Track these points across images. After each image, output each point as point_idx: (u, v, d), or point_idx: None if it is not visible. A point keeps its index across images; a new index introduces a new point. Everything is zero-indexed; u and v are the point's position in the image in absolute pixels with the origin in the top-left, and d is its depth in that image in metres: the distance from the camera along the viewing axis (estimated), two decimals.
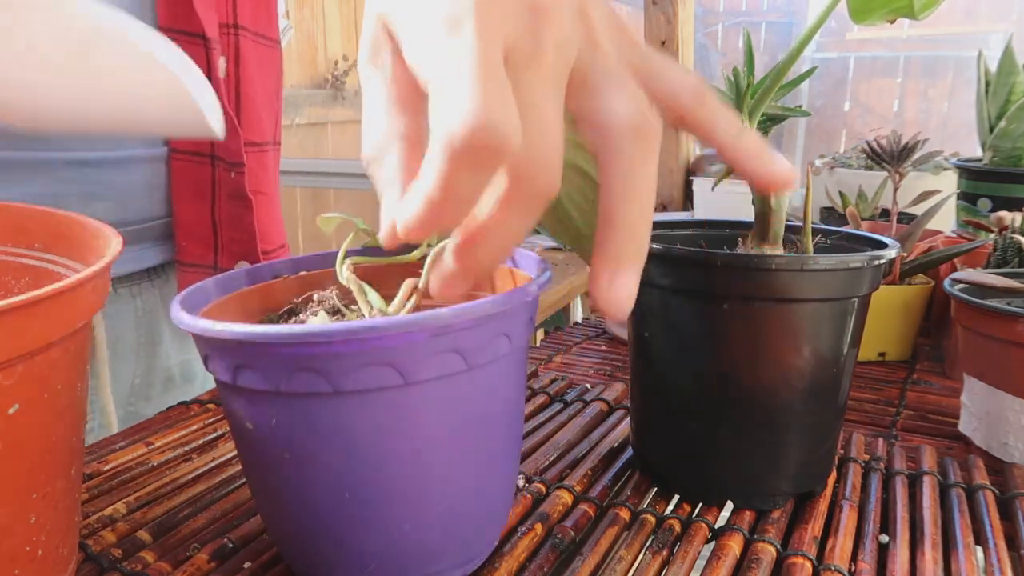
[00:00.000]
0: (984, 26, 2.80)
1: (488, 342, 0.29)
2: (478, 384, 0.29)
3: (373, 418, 0.28)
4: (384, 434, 0.28)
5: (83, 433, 0.30)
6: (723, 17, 3.36)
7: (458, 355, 0.28)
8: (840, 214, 0.96)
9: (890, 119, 2.95)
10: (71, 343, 0.26)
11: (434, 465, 0.29)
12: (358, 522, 0.29)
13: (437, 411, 0.29)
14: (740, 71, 0.45)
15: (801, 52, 0.39)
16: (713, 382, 0.40)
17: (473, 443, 0.30)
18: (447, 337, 0.27)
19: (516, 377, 0.32)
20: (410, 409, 0.28)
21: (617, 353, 0.73)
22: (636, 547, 0.38)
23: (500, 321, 0.29)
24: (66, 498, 0.28)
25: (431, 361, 0.27)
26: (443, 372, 0.28)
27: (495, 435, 0.32)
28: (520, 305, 0.30)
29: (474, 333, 0.28)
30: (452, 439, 0.29)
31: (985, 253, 0.67)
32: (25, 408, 0.23)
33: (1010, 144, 0.99)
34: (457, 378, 0.28)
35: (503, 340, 0.29)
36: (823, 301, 0.38)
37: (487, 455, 0.32)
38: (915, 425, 0.55)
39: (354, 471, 0.28)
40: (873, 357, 0.69)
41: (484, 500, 0.33)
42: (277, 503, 0.31)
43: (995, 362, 0.48)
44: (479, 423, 0.30)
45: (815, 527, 0.39)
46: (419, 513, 0.30)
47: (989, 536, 0.39)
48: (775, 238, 0.41)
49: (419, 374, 0.27)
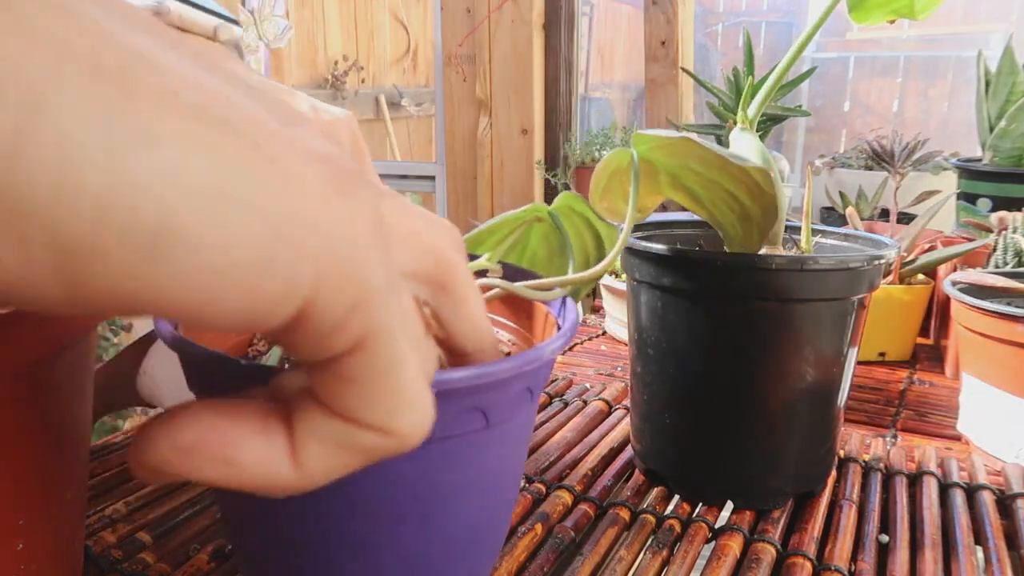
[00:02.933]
0: (984, 26, 2.80)
1: (511, 400, 0.27)
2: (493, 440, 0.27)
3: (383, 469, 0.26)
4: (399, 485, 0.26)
5: (86, 452, 0.28)
6: (723, 17, 3.37)
7: (480, 413, 0.26)
8: (840, 214, 0.96)
9: (890, 119, 2.95)
10: (71, 355, 0.25)
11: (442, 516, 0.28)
12: (358, 568, 0.28)
13: (452, 464, 0.27)
14: (740, 71, 0.45)
15: (801, 52, 0.39)
16: (713, 382, 0.40)
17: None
18: (469, 398, 0.25)
19: (529, 425, 0.31)
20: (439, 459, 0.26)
21: (617, 353, 0.73)
22: (636, 547, 0.38)
23: (523, 379, 0.26)
24: (63, 523, 0.26)
25: (456, 420, 0.25)
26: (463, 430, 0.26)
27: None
28: (546, 363, 0.27)
29: (496, 394, 0.26)
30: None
31: (985, 253, 0.67)
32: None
33: (1010, 144, 0.99)
34: (476, 435, 0.26)
35: (525, 395, 0.27)
36: (823, 301, 0.38)
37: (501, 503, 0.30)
38: (915, 425, 0.55)
39: (355, 520, 0.27)
40: (873, 357, 0.69)
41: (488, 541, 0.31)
42: (263, 547, 0.29)
43: (995, 362, 0.48)
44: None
45: (815, 527, 0.39)
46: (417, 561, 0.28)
47: (989, 536, 0.39)
48: (775, 238, 0.41)
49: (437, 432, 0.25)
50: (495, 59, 1.78)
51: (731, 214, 0.39)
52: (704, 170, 0.37)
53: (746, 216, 0.38)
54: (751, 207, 0.37)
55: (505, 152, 1.83)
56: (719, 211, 0.39)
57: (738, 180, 0.36)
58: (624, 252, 0.42)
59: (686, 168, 0.38)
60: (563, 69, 1.78)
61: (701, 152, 0.35)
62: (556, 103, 1.80)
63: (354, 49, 3.08)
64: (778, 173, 0.41)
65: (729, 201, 0.38)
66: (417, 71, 3.46)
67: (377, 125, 3.12)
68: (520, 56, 1.76)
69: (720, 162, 0.35)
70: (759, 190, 0.36)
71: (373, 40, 3.20)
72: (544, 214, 0.38)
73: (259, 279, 0.13)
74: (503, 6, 1.73)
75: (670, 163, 0.38)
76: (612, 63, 3.68)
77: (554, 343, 0.26)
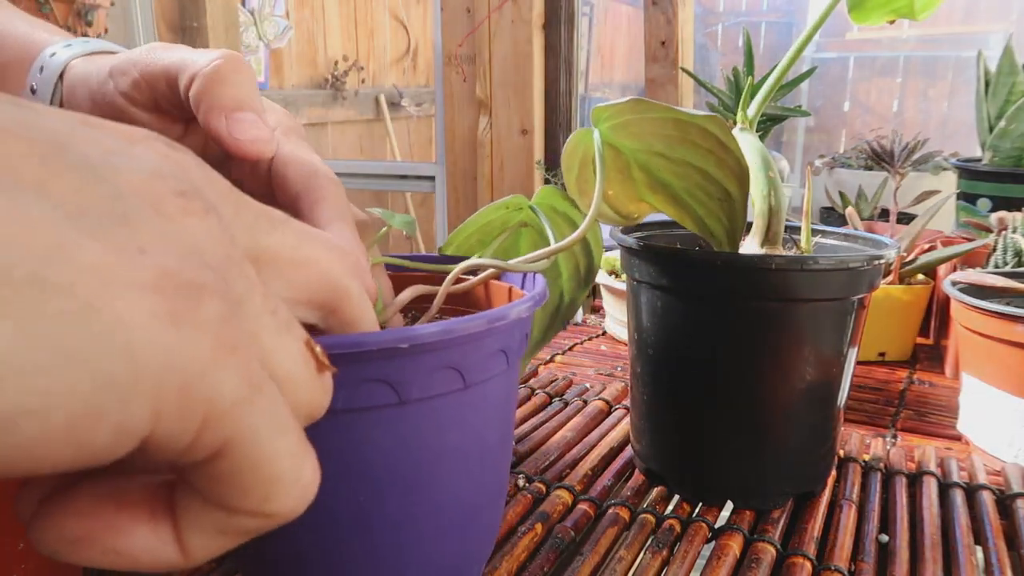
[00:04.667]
0: (984, 26, 2.80)
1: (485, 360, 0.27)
2: (475, 400, 0.28)
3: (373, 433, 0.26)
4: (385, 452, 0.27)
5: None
6: (723, 17, 3.36)
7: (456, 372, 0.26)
8: (840, 214, 0.96)
9: (890, 119, 2.95)
10: None
11: (437, 481, 0.28)
12: (352, 544, 0.28)
13: (433, 428, 0.27)
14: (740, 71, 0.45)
15: (801, 52, 0.39)
16: (713, 382, 0.40)
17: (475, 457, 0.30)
18: (442, 353, 0.26)
19: (510, 396, 0.32)
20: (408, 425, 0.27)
21: (617, 353, 0.73)
22: (636, 547, 0.38)
23: (495, 337, 0.28)
24: None
25: (432, 378, 0.26)
26: (443, 390, 0.26)
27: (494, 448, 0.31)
28: (515, 322, 0.28)
29: (469, 350, 0.27)
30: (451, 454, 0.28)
31: (985, 253, 0.67)
32: None
33: (1010, 144, 0.99)
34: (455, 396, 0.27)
35: (500, 357, 0.28)
36: (823, 301, 0.38)
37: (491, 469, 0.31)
38: (915, 425, 0.56)
39: (352, 492, 0.27)
40: (873, 357, 0.69)
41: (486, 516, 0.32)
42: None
43: (995, 362, 0.48)
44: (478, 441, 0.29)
45: (815, 527, 0.39)
46: (423, 536, 0.29)
47: (989, 536, 0.39)
48: (775, 238, 0.41)
49: (415, 393, 0.26)
50: (495, 59, 1.78)
51: (711, 203, 0.39)
52: (668, 149, 0.37)
53: (726, 196, 0.38)
54: (725, 179, 0.37)
55: (505, 152, 1.83)
56: (698, 202, 0.39)
57: (702, 148, 0.37)
58: (624, 252, 0.42)
59: (652, 154, 0.38)
60: (563, 69, 1.78)
61: (655, 113, 0.36)
62: (556, 103, 1.80)
63: (354, 49, 3.08)
64: (778, 173, 0.41)
65: (704, 185, 0.38)
66: (417, 71, 3.46)
67: (377, 125, 3.12)
68: (520, 56, 1.76)
69: (676, 125, 0.36)
70: (724, 150, 0.36)
71: (373, 40, 3.20)
72: (525, 205, 0.38)
73: (87, 433, 0.12)
74: (503, 6, 1.73)
75: (635, 147, 0.38)
76: (612, 63, 3.68)
77: (522, 304, 0.28)
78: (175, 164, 0.16)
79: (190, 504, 0.15)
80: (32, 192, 0.12)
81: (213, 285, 0.14)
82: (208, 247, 0.15)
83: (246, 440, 0.14)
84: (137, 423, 0.13)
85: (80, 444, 0.12)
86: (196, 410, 0.13)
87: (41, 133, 0.13)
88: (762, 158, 0.40)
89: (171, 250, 0.14)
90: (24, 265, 0.11)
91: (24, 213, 0.12)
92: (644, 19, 1.72)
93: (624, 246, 0.42)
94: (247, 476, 0.15)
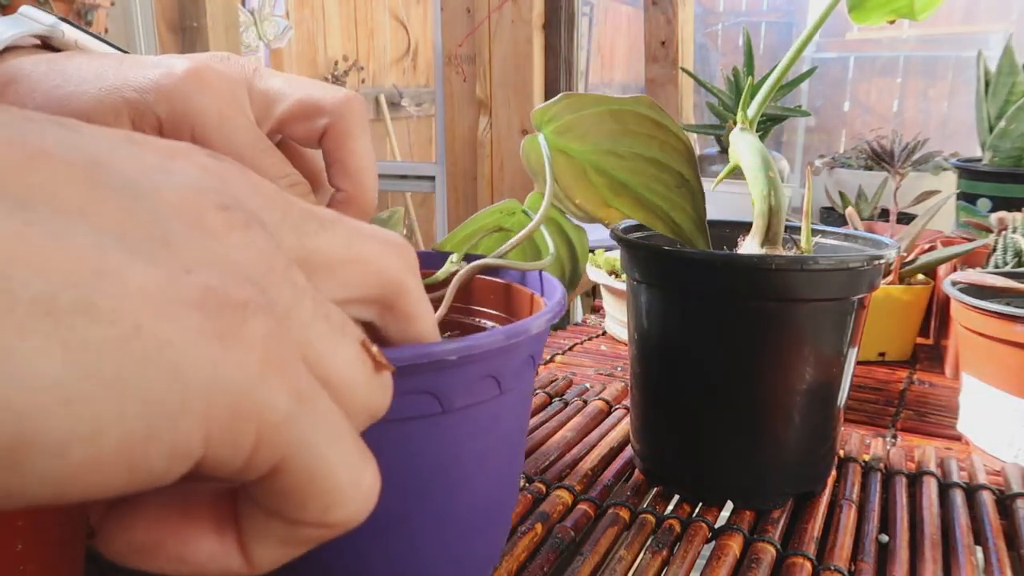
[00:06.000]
0: (984, 26, 2.80)
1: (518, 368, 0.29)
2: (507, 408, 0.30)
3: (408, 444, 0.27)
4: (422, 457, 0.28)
5: None
6: (723, 17, 3.36)
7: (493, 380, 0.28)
8: (840, 214, 0.96)
9: (890, 119, 2.94)
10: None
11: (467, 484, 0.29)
12: (378, 548, 0.29)
13: (471, 433, 0.29)
14: (740, 71, 0.45)
15: (801, 52, 0.39)
16: (713, 382, 0.40)
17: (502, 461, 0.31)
18: (485, 363, 0.27)
19: (530, 397, 0.33)
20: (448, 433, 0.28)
21: (617, 353, 0.73)
22: (636, 547, 0.38)
23: (528, 346, 0.29)
24: (63, 524, 0.26)
25: (473, 387, 0.27)
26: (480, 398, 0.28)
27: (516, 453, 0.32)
28: (545, 329, 0.30)
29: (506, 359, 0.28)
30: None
31: (985, 253, 0.67)
32: None
33: (1010, 144, 0.99)
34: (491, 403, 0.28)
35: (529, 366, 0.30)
36: (823, 301, 0.38)
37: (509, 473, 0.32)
38: (915, 425, 0.56)
39: (396, 496, 0.28)
40: (873, 357, 0.69)
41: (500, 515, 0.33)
42: None
43: (995, 362, 0.48)
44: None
45: (815, 527, 0.39)
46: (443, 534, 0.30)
47: (989, 536, 0.39)
48: (775, 238, 0.41)
49: (458, 402, 0.27)
50: (495, 59, 1.78)
51: (672, 193, 0.39)
52: (614, 144, 0.38)
53: (682, 181, 0.38)
54: (674, 161, 0.38)
55: (505, 152, 1.83)
56: (660, 197, 0.40)
57: (643, 135, 0.37)
58: (624, 252, 0.42)
59: (602, 152, 0.38)
60: (563, 69, 1.78)
61: (591, 108, 0.36)
62: None
63: (354, 49, 3.08)
64: (778, 173, 0.41)
65: (659, 175, 0.39)
66: (417, 71, 3.46)
67: (377, 125, 3.12)
68: (520, 56, 1.76)
69: (613, 116, 0.36)
70: (662, 130, 0.37)
71: (373, 40, 3.20)
72: (518, 209, 0.39)
73: (139, 457, 0.12)
74: (503, 6, 1.73)
75: (583, 150, 0.39)
76: (612, 63, 3.68)
77: (545, 315, 0.29)
78: (216, 176, 0.16)
79: (253, 515, 0.15)
80: (74, 217, 0.12)
81: (258, 300, 0.14)
82: (252, 260, 0.15)
83: (302, 454, 0.14)
84: (189, 445, 0.13)
85: (133, 468, 0.12)
86: (248, 428, 0.13)
87: (81, 154, 0.13)
88: (762, 158, 0.40)
89: (215, 267, 0.13)
90: (68, 291, 0.11)
91: (67, 239, 0.12)
92: (644, 19, 1.73)
93: (624, 246, 0.42)
94: (306, 489, 0.14)
